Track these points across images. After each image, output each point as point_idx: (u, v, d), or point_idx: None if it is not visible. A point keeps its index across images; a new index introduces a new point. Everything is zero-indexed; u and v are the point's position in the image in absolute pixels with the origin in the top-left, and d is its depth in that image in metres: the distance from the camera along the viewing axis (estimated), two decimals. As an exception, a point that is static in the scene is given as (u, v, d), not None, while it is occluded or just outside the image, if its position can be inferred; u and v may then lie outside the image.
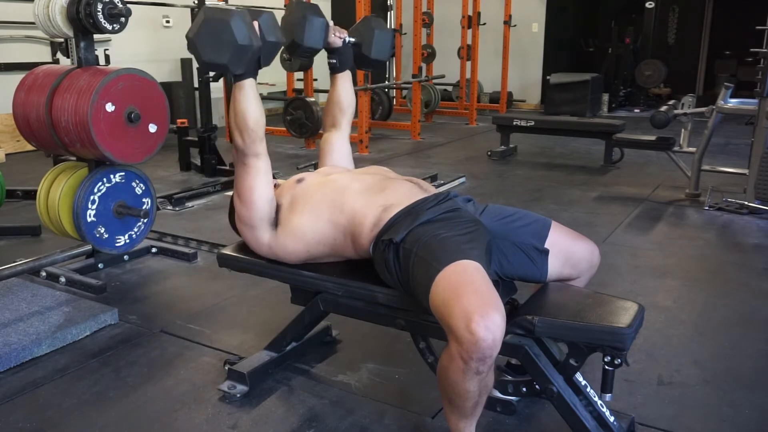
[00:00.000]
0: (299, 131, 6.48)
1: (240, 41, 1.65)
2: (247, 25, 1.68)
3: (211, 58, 1.69)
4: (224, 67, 1.70)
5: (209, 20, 1.67)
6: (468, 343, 1.38)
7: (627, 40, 9.21)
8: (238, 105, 1.78)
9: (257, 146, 1.81)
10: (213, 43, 1.67)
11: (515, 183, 5.03)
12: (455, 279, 1.49)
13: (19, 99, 2.80)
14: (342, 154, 2.20)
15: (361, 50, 2.18)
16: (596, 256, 1.85)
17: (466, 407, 1.52)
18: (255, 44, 1.70)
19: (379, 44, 2.18)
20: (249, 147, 1.80)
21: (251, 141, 1.79)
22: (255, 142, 1.80)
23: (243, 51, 1.67)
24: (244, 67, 1.72)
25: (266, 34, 1.75)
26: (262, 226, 1.86)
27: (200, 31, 1.67)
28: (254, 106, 1.78)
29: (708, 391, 2.05)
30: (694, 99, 4.59)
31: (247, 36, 1.67)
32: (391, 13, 10.02)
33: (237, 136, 1.80)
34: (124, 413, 1.93)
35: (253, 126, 1.78)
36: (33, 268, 2.81)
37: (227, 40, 1.65)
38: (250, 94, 1.78)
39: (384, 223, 1.72)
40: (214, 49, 1.67)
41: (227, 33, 1.65)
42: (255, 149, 1.81)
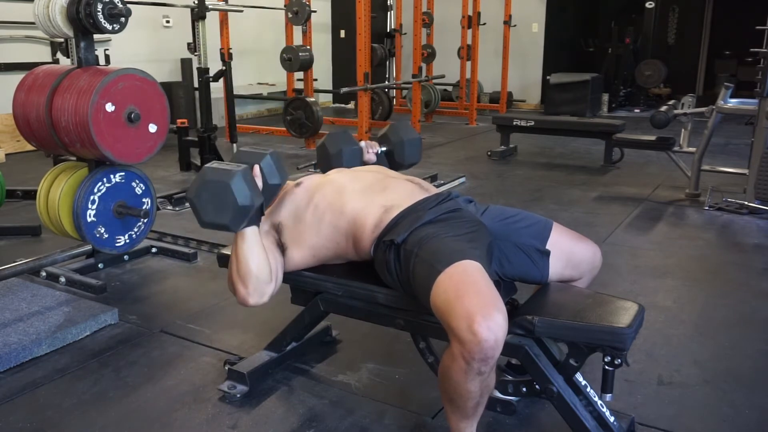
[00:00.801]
0: (299, 131, 6.48)
1: (241, 202, 1.59)
2: (248, 183, 1.61)
3: (212, 219, 1.63)
4: (226, 227, 1.64)
5: (209, 182, 1.61)
6: (470, 344, 1.38)
7: (627, 40, 9.21)
8: (240, 254, 1.69)
9: (264, 288, 1.71)
10: (213, 204, 1.61)
11: (515, 183, 5.03)
12: (457, 280, 1.49)
13: (19, 99, 2.80)
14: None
15: (395, 157, 2.25)
16: (598, 257, 1.85)
17: (467, 407, 1.51)
18: (257, 203, 1.64)
19: (410, 151, 2.28)
20: (252, 296, 1.71)
21: (254, 289, 1.70)
22: (258, 288, 1.70)
23: (245, 211, 1.62)
24: (246, 223, 1.66)
25: (268, 178, 1.71)
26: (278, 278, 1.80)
27: (200, 193, 1.62)
28: (257, 254, 1.69)
29: (708, 391, 2.05)
30: (694, 99, 4.59)
31: (248, 196, 1.60)
32: (391, 13, 10.01)
33: (240, 286, 1.70)
34: (124, 413, 1.93)
35: (256, 273, 1.69)
36: (33, 268, 2.81)
37: (228, 202, 1.59)
38: (253, 242, 1.69)
39: (385, 225, 1.72)
40: (215, 211, 1.62)
41: (228, 195, 1.58)
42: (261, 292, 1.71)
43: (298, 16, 6.48)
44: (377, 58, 8.38)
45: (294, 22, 6.58)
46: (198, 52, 5.12)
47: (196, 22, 5.05)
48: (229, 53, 5.88)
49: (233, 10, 6.07)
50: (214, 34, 6.02)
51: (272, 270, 1.73)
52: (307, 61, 6.41)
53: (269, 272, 1.71)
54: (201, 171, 1.66)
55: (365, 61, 5.91)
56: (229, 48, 5.95)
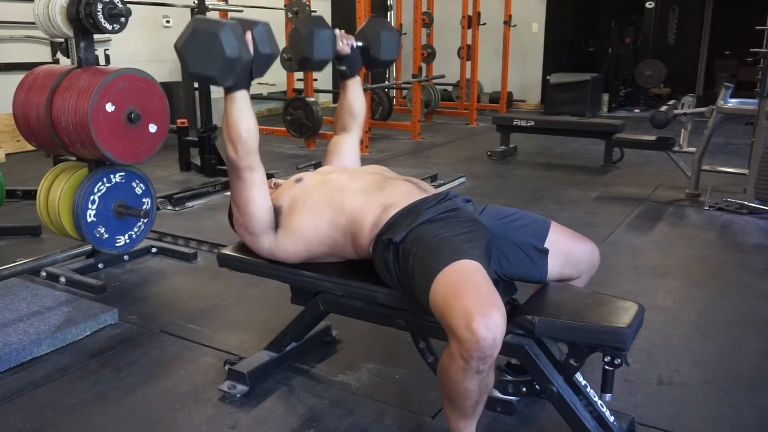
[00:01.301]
0: (299, 131, 6.48)
1: (228, 53, 1.60)
2: (237, 36, 1.63)
3: (199, 69, 1.64)
4: (213, 79, 1.65)
5: (198, 31, 1.62)
6: (469, 343, 1.38)
7: (627, 40, 9.21)
8: (230, 117, 1.73)
9: (251, 158, 1.76)
10: (201, 54, 1.62)
11: (515, 183, 5.03)
12: (455, 279, 1.49)
13: (19, 99, 2.80)
14: (349, 157, 2.18)
15: (370, 53, 2.16)
16: (596, 256, 1.85)
17: (466, 407, 1.52)
18: (245, 57, 1.64)
19: (387, 45, 2.17)
20: (242, 159, 1.75)
21: (245, 153, 1.74)
22: (248, 154, 1.75)
23: (232, 63, 1.62)
24: (233, 79, 1.67)
25: (260, 46, 1.71)
26: (263, 233, 1.85)
27: (188, 42, 1.63)
28: (246, 118, 1.73)
29: (708, 391, 2.05)
30: (694, 99, 4.59)
31: (236, 48, 1.61)
32: (391, 13, 10.01)
33: (230, 149, 1.75)
34: (124, 413, 1.93)
35: (245, 137, 1.73)
36: (33, 268, 2.81)
37: (216, 52, 1.60)
38: (243, 106, 1.73)
39: (384, 223, 1.72)
40: (203, 61, 1.62)
41: (216, 45, 1.59)
42: (248, 161, 1.76)
43: (298, 16, 6.47)
44: (377, 58, 8.37)
45: (294, 22, 6.58)
46: (198, 52, 5.11)
47: (196, 22, 5.04)
48: (229, 53, 5.87)
49: (233, 10, 6.07)
50: (214, 34, 6.01)
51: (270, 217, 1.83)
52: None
53: (257, 139, 1.76)
54: (190, 21, 1.66)
55: (365, 61, 5.91)
56: (229, 48, 5.94)
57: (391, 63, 2.26)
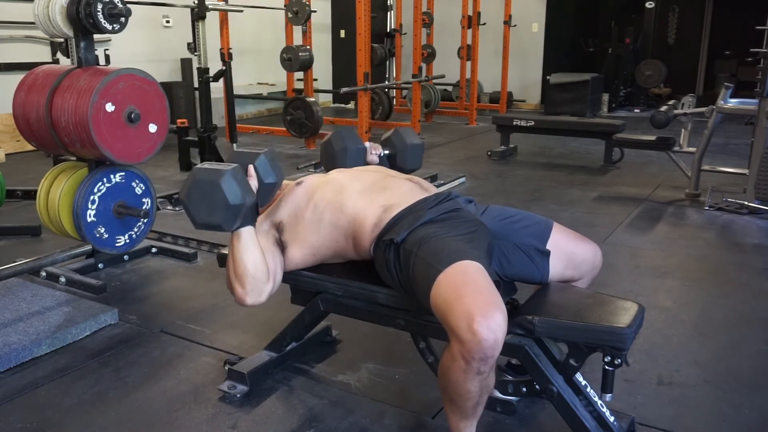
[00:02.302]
0: (299, 131, 6.48)
1: (232, 202, 1.58)
2: (239, 182, 1.61)
3: (204, 219, 1.62)
4: (219, 226, 1.64)
5: (199, 182, 1.61)
6: (470, 343, 1.38)
7: (627, 40, 9.21)
8: (236, 253, 1.69)
9: (262, 287, 1.71)
10: (205, 204, 1.60)
11: (515, 183, 5.03)
12: (456, 279, 1.49)
13: (19, 99, 2.80)
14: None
15: (396, 162, 2.26)
16: (598, 257, 1.85)
17: (467, 407, 1.51)
18: (248, 201, 1.63)
19: (413, 156, 2.28)
20: (249, 295, 1.70)
21: (251, 288, 1.69)
22: (255, 288, 1.70)
23: (236, 210, 1.61)
24: (239, 222, 1.65)
25: (264, 177, 1.71)
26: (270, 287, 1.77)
27: (191, 193, 1.61)
28: (253, 252, 1.68)
29: (708, 391, 2.05)
30: (694, 99, 4.59)
31: (239, 195, 1.60)
32: (391, 13, 10.01)
33: (237, 286, 1.70)
34: (124, 413, 1.93)
35: (252, 271, 1.68)
36: (33, 268, 2.81)
37: (219, 201, 1.58)
38: (249, 242, 1.68)
39: (385, 224, 1.72)
40: (207, 211, 1.61)
41: (218, 194, 1.58)
42: (255, 299, 1.71)
43: (298, 16, 6.48)
44: (377, 58, 8.38)
45: (294, 22, 6.58)
46: (198, 52, 5.12)
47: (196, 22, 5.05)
48: (229, 53, 5.88)
49: (233, 10, 6.07)
50: (214, 34, 6.02)
51: (270, 269, 1.73)
52: (307, 61, 6.42)
53: (266, 271, 1.71)
54: (191, 171, 1.66)
55: (365, 61, 5.92)
56: (229, 48, 5.95)
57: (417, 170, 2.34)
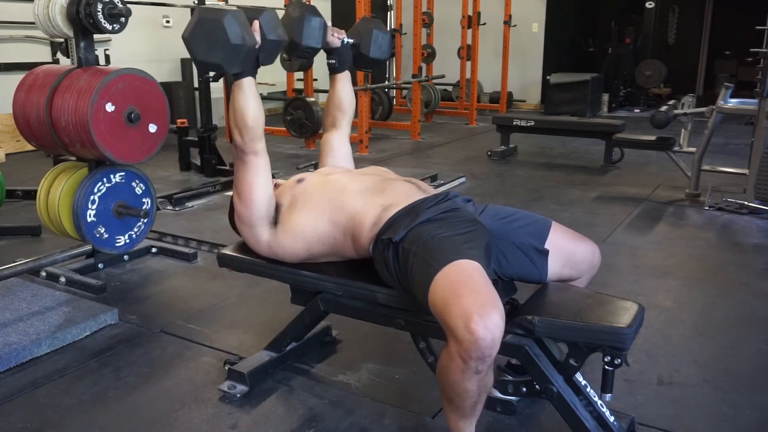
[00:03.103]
0: (299, 131, 6.48)
1: (233, 40, 1.65)
2: (241, 24, 1.67)
3: (205, 57, 1.69)
4: (219, 66, 1.70)
5: (202, 20, 1.67)
6: (467, 343, 1.37)
7: (627, 40, 9.21)
8: (236, 103, 1.78)
9: (256, 144, 1.81)
10: (207, 42, 1.66)
11: (515, 183, 5.03)
12: (454, 279, 1.49)
13: (19, 99, 2.80)
14: (342, 154, 2.20)
15: (360, 50, 2.19)
16: (597, 256, 1.85)
17: (465, 407, 1.52)
18: (249, 43, 1.69)
19: (378, 44, 2.19)
20: (248, 145, 1.80)
21: (250, 139, 1.79)
22: (254, 140, 1.80)
23: (237, 50, 1.67)
24: (239, 66, 1.72)
25: (267, 33, 1.75)
26: (261, 224, 1.86)
27: (194, 31, 1.67)
28: (253, 105, 1.78)
29: (708, 391, 2.05)
30: (694, 99, 4.59)
31: (240, 35, 1.66)
32: (391, 13, 10.01)
33: (236, 134, 1.80)
34: (124, 413, 1.93)
35: (251, 124, 1.78)
36: (33, 268, 2.81)
37: (221, 40, 1.65)
38: (249, 92, 1.78)
39: (383, 223, 1.72)
40: (208, 49, 1.67)
41: (220, 32, 1.64)
42: (254, 147, 1.81)
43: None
44: (377, 58, 8.37)
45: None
46: (198, 52, 5.11)
47: (196, 22, 5.04)
48: (229, 53, 5.87)
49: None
50: (214, 34, 6.01)
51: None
52: (306, 62, 6.41)
53: (262, 125, 1.81)
54: (196, 11, 1.70)
55: (365, 61, 5.90)
56: (229, 48, 5.94)
57: (381, 62, 2.28)
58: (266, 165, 1.86)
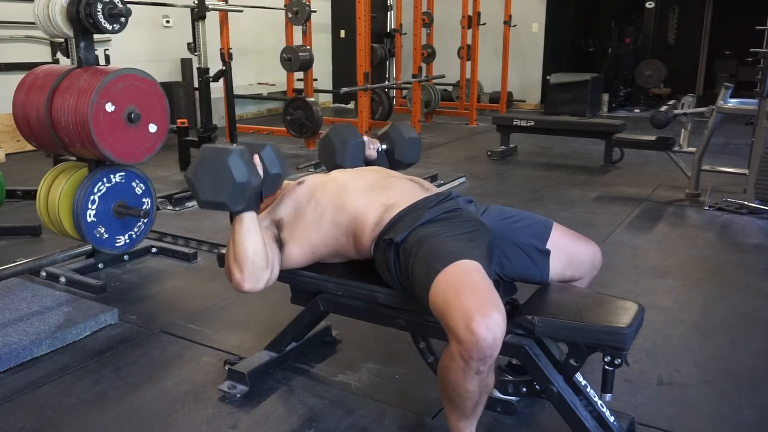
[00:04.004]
0: (299, 131, 6.48)
1: (238, 180, 1.61)
2: (246, 162, 1.63)
3: (209, 197, 1.64)
4: (223, 205, 1.64)
5: (207, 160, 1.63)
6: (468, 343, 1.38)
7: (627, 40, 9.20)
8: (237, 238, 1.69)
9: (259, 275, 1.70)
10: (211, 182, 1.62)
11: (515, 183, 5.03)
12: (455, 279, 1.49)
13: (19, 99, 2.80)
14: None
15: (394, 156, 2.29)
16: (598, 257, 1.85)
17: (466, 407, 1.52)
18: (254, 181, 1.65)
19: (410, 150, 2.31)
20: (247, 281, 1.69)
21: (250, 274, 1.69)
22: (254, 274, 1.69)
23: (241, 189, 1.62)
24: (243, 204, 1.66)
25: (269, 168, 1.72)
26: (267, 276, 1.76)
27: (198, 171, 1.63)
28: (254, 238, 1.69)
29: (708, 391, 2.05)
30: (694, 99, 4.59)
31: (245, 174, 1.62)
32: (391, 13, 10.01)
33: (236, 271, 1.69)
34: (124, 413, 1.93)
35: (252, 257, 1.68)
36: (33, 268, 2.81)
37: (225, 180, 1.61)
38: (251, 227, 1.69)
39: (385, 223, 1.72)
40: (213, 188, 1.62)
41: (225, 172, 1.60)
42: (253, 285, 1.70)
43: (298, 16, 6.48)
44: (377, 58, 8.38)
45: (294, 22, 6.58)
46: (198, 52, 5.12)
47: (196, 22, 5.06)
48: (229, 53, 5.89)
49: (233, 10, 6.07)
50: (214, 34, 6.02)
51: (269, 259, 1.73)
52: (307, 61, 6.41)
53: (266, 258, 1.71)
54: (200, 150, 1.68)
55: (365, 61, 5.92)
56: (229, 48, 5.95)
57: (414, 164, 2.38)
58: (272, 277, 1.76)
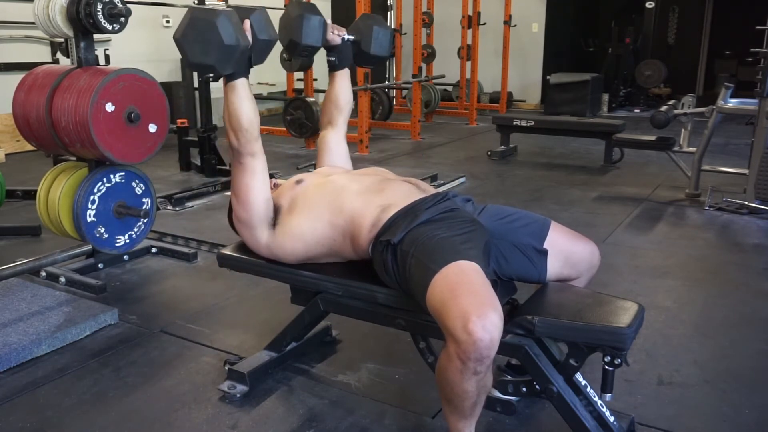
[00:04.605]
0: (299, 131, 6.48)
1: (226, 41, 1.62)
2: (234, 24, 1.65)
3: (198, 59, 1.66)
4: (212, 67, 1.66)
5: (195, 20, 1.64)
6: (465, 344, 1.37)
7: (627, 40, 9.21)
8: (230, 105, 1.76)
9: (252, 145, 1.79)
10: (199, 43, 1.63)
11: (515, 183, 5.03)
12: (452, 280, 1.49)
13: (19, 99, 2.80)
14: (339, 153, 2.19)
15: (361, 47, 2.17)
16: (596, 256, 1.85)
17: (464, 407, 1.51)
18: (242, 44, 1.66)
19: (379, 41, 2.17)
20: (244, 146, 1.78)
21: (246, 141, 1.77)
22: (250, 141, 1.78)
23: (230, 51, 1.64)
24: (232, 67, 1.68)
25: (258, 32, 1.73)
26: (260, 226, 1.86)
27: (186, 32, 1.64)
28: (247, 106, 1.76)
29: (708, 391, 2.05)
30: (694, 99, 4.59)
31: (233, 36, 1.63)
32: (391, 13, 10.02)
33: (232, 137, 1.78)
34: (124, 413, 1.93)
35: (247, 126, 1.76)
36: (33, 268, 2.81)
37: (213, 41, 1.62)
38: (243, 93, 1.75)
39: (382, 224, 1.72)
40: (201, 50, 1.64)
41: (213, 33, 1.61)
42: (250, 148, 1.80)
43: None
44: (377, 58, 8.38)
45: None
46: (198, 52, 5.11)
47: (196, 22, 5.04)
48: (229, 53, 5.87)
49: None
50: (214, 34, 6.01)
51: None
52: (307, 61, 6.41)
53: (258, 127, 1.79)
54: (188, 11, 1.67)
55: (365, 61, 5.90)
56: (229, 48, 5.94)
57: (382, 59, 2.26)
58: (263, 166, 1.85)
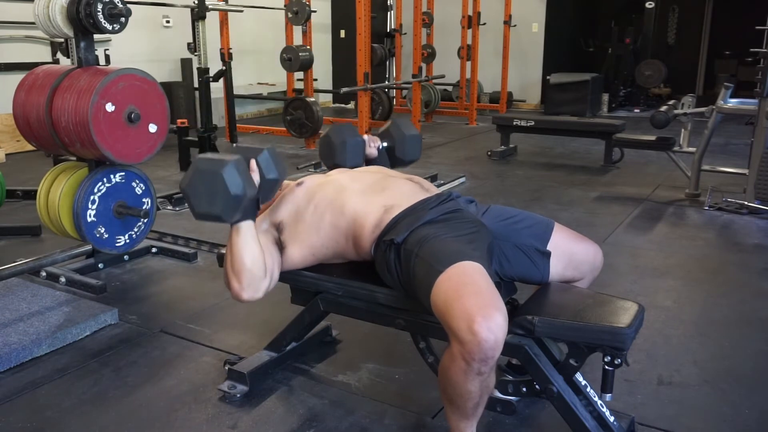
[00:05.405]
0: (299, 131, 6.48)
1: (233, 191, 1.57)
2: (241, 173, 1.59)
3: (204, 209, 1.61)
4: (219, 217, 1.62)
5: (200, 171, 1.60)
6: (470, 344, 1.37)
7: (627, 40, 9.20)
8: (234, 247, 1.67)
9: (258, 284, 1.69)
10: (206, 193, 1.59)
11: (515, 183, 5.03)
12: (456, 280, 1.49)
13: (19, 99, 2.80)
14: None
15: (395, 153, 2.25)
16: (599, 258, 1.85)
17: (467, 408, 1.51)
18: (249, 193, 1.61)
19: (411, 147, 2.27)
20: (245, 291, 1.68)
21: (248, 284, 1.68)
22: (252, 284, 1.68)
23: (237, 200, 1.59)
24: (239, 215, 1.64)
25: (266, 173, 1.70)
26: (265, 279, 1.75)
27: (192, 182, 1.60)
28: (252, 248, 1.67)
29: (708, 391, 2.05)
30: (694, 99, 4.59)
31: (240, 186, 1.58)
32: (391, 13, 10.01)
33: (233, 281, 1.68)
34: (124, 413, 1.93)
35: (250, 266, 1.67)
36: (33, 268, 2.81)
37: (220, 191, 1.57)
38: (248, 236, 1.67)
39: (385, 225, 1.72)
40: (208, 200, 1.59)
41: (219, 184, 1.56)
42: (252, 295, 1.69)
43: (298, 16, 6.48)
44: (377, 58, 8.38)
45: (294, 22, 6.58)
46: (198, 52, 5.13)
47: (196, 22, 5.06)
48: (229, 53, 5.89)
49: (233, 10, 6.07)
50: (214, 34, 6.02)
51: (267, 267, 1.72)
52: (307, 61, 6.42)
53: (264, 267, 1.70)
54: (194, 161, 1.65)
55: (365, 61, 5.91)
56: (229, 48, 5.95)
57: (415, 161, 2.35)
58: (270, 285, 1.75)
